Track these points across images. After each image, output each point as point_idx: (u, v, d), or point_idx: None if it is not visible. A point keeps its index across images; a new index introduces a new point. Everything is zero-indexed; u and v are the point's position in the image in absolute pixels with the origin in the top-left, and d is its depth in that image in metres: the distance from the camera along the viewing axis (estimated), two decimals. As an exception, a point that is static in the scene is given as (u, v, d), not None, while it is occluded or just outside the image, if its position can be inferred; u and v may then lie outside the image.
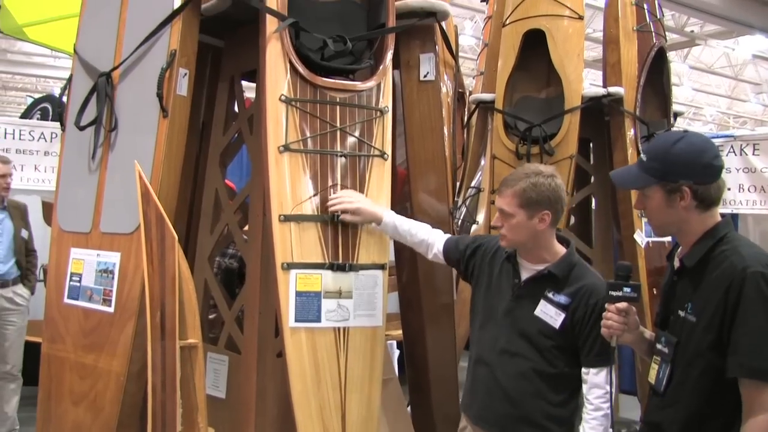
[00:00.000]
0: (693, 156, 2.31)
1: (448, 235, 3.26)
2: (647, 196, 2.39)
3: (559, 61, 4.32)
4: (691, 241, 2.36)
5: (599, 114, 4.85)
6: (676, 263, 2.45)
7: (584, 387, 2.83)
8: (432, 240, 3.22)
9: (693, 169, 2.30)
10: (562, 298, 2.83)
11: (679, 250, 2.47)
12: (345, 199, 3.13)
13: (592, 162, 5.20)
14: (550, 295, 2.85)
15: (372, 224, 3.18)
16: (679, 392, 2.32)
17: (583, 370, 2.83)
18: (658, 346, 2.44)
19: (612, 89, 4.62)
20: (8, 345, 5.54)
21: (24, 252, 5.63)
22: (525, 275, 2.92)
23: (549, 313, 2.83)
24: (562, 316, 2.81)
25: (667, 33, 5.31)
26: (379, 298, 3.18)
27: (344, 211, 3.12)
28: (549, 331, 2.83)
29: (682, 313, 2.34)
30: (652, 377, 2.46)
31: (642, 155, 2.43)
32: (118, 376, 3.23)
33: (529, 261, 2.92)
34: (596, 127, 4.95)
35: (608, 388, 2.80)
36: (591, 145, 5.20)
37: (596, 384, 2.80)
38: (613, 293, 2.48)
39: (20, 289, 5.59)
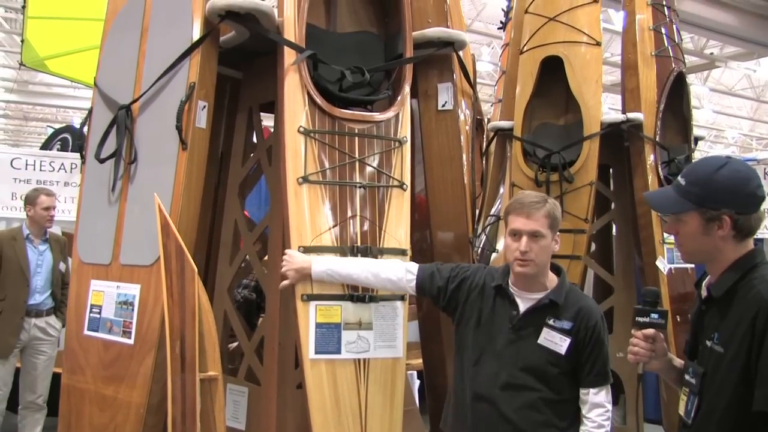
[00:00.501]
0: (737, 184, 2.22)
1: (413, 265, 3.11)
2: (682, 221, 2.30)
3: (577, 88, 4.31)
4: (720, 269, 2.29)
5: (619, 140, 4.84)
6: (704, 292, 2.38)
7: (584, 407, 2.84)
8: (393, 275, 3.05)
9: (736, 198, 2.22)
10: (564, 324, 2.83)
11: (707, 278, 2.40)
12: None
13: (612, 188, 5.17)
14: (551, 322, 2.84)
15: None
16: (706, 424, 2.25)
17: (582, 390, 2.85)
18: (687, 377, 2.38)
19: (631, 115, 4.61)
20: (37, 374, 5.63)
21: (60, 284, 5.75)
22: (523, 306, 2.88)
23: (553, 340, 2.83)
24: (567, 341, 2.81)
25: (686, 56, 5.28)
26: (400, 328, 3.17)
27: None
28: (555, 359, 2.82)
29: (709, 344, 2.27)
30: (681, 409, 2.39)
31: (680, 179, 2.33)
32: (137, 408, 3.24)
33: (527, 290, 2.89)
34: (616, 153, 4.94)
35: (608, 405, 2.84)
36: (611, 171, 5.18)
37: (597, 403, 2.82)
38: (640, 319, 2.44)
39: (53, 320, 5.70)
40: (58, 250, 5.79)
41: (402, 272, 3.06)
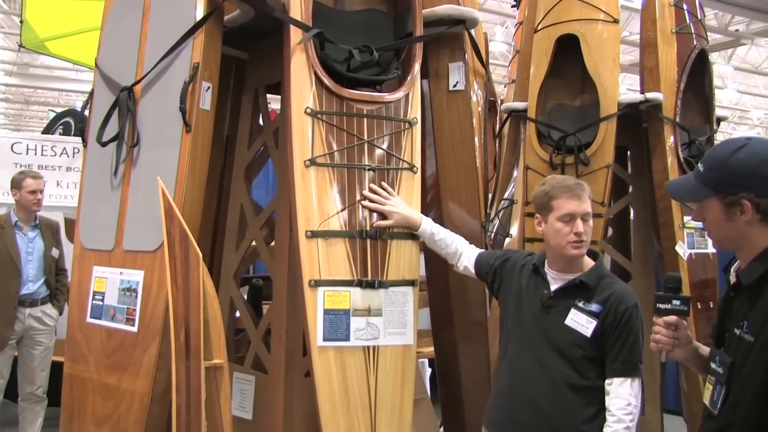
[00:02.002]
0: (753, 166, 2.16)
1: (481, 249, 3.34)
2: (705, 208, 2.26)
3: (594, 67, 4.29)
4: (750, 256, 2.22)
5: (637, 121, 4.81)
6: (732, 278, 2.33)
7: (606, 398, 2.82)
8: (464, 251, 3.31)
9: (753, 181, 2.15)
10: (593, 306, 2.86)
11: (736, 263, 2.34)
12: (383, 200, 3.21)
13: (630, 171, 5.15)
14: (580, 304, 2.88)
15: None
16: (733, 415, 2.19)
17: (606, 380, 2.84)
18: (713, 366, 2.32)
19: (650, 95, 4.57)
20: (35, 365, 5.61)
21: (54, 271, 5.72)
22: (554, 285, 2.96)
23: (580, 322, 2.86)
24: (594, 323, 2.84)
25: (709, 33, 5.23)
26: (410, 315, 3.19)
27: (378, 212, 3.20)
28: (580, 341, 2.85)
29: (737, 332, 2.21)
30: (706, 398, 2.35)
31: (700, 164, 2.29)
32: (141, 397, 3.26)
33: (561, 271, 2.97)
34: (634, 135, 4.91)
35: (633, 401, 2.80)
36: (629, 153, 5.16)
37: (619, 394, 2.80)
38: (661, 306, 2.41)
39: (49, 309, 5.67)
40: (49, 235, 5.73)
41: (473, 252, 3.32)
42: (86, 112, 4.03)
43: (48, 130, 9.16)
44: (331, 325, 3.05)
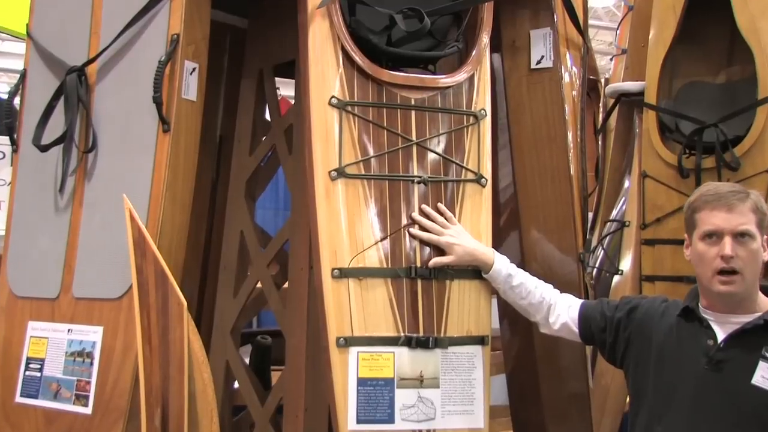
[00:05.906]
0: None
1: (582, 300, 3.34)
2: None
3: (749, 25, 4.22)
4: None
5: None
6: None
7: None
8: (557, 302, 3.30)
9: None
10: None
11: None
12: (439, 229, 3.28)
13: (802, 177, 5.13)
14: None
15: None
16: None
17: None
18: None
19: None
20: None
21: None
22: (723, 332, 2.91)
23: None
24: None
25: None
26: (479, 386, 3.27)
27: (435, 245, 3.26)
28: None
29: None
30: None
31: None
32: None
33: (727, 312, 2.93)
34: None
35: None
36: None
37: None
38: None
39: None
40: None
41: (571, 301, 3.32)
42: (16, 102, 4.12)
43: (-44, 125, 9.23)
44: (369, 400, 3.12)
